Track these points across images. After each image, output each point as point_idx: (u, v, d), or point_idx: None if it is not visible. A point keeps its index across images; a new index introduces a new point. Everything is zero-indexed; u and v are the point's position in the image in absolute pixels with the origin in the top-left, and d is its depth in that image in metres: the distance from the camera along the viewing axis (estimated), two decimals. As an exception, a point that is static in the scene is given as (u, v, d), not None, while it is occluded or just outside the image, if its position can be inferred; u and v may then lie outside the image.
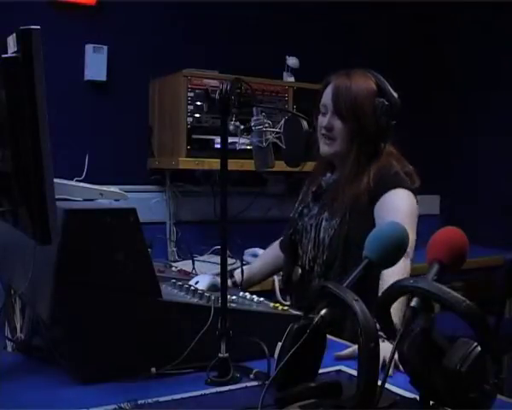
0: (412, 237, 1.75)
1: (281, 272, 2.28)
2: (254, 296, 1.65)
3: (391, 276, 1.48)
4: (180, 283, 1.63)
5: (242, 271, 2.04)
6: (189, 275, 1.97)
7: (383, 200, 1.84)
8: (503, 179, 3.88)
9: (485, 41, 3.95)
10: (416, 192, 1.88)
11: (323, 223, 1.92)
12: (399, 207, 1.82)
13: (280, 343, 1.13)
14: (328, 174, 2.03)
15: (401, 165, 1.92)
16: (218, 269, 1.41)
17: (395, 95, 1.91)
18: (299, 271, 1.99)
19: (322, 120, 1.95)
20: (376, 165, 1.90)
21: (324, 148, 1.96)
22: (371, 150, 1.93)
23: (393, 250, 1.15)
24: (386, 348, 1.19)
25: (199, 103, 2.96)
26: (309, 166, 2.05)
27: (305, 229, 2.00)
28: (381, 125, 1.89)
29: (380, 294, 1.60)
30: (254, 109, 1.58)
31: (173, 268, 2.13)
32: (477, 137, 4.03)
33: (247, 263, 2.76)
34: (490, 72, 3.95)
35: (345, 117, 1.90)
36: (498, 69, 3.92)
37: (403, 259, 1.20)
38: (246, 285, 2.09)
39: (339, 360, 1.46)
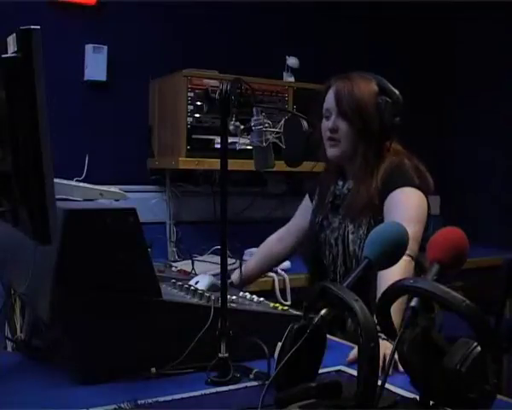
0: (415, 229, 1.73)
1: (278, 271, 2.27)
2: (254, 296, 1.66)
3: (390, 276, 1.44)
4: (180, 283, 1.63)
5: (241, 271, 2.04)
6: (188, 275, 1.97)
7: (390, 198, 1.83)
8: (503, 179, 3.88)
9: (485, 41, 3.95)
10: (425, 191, 1.87)
11: (350, 236, 1.92)
12: (404, 201, 1.81)
13: (280, 343, 1.13)
14: (340, 182, 2.02)
15: (413, 163, 1.91)
16: (218, 269, 1.41)
17: (397, 92, 1.91)
18: None
19: (327, 124, 1.94)
20: (384, 164, 1.90)
21: (331, 151, 1.95)
22: (378, 149, 1.92)
23: (393, 250, 1.15)
24: (385, 346, 1.19)
25: (199, 103, 2.96)
26: (309, 166, 2.04)
27: (328, 242, 1.99)
28: (385, 123, 1.89)
29: (378, 294, 1.61)
30: (254, 109, 1.58)
31: (173, 268, 2.13)
32: (477, 137, 4.03)
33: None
34: (490, 72, 3.95)
35: (349, 117, 1.90)
36: (499, 70, 3.91)
37: (403, 257, 1.19)
38: (241, 285, 2.09)
39: (352, 363, 1.43)
